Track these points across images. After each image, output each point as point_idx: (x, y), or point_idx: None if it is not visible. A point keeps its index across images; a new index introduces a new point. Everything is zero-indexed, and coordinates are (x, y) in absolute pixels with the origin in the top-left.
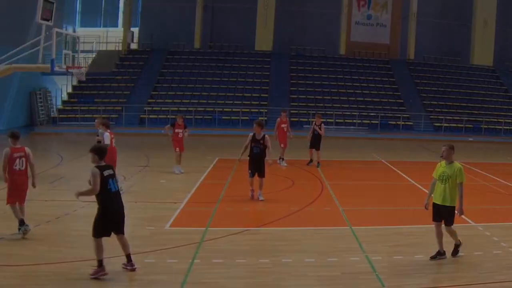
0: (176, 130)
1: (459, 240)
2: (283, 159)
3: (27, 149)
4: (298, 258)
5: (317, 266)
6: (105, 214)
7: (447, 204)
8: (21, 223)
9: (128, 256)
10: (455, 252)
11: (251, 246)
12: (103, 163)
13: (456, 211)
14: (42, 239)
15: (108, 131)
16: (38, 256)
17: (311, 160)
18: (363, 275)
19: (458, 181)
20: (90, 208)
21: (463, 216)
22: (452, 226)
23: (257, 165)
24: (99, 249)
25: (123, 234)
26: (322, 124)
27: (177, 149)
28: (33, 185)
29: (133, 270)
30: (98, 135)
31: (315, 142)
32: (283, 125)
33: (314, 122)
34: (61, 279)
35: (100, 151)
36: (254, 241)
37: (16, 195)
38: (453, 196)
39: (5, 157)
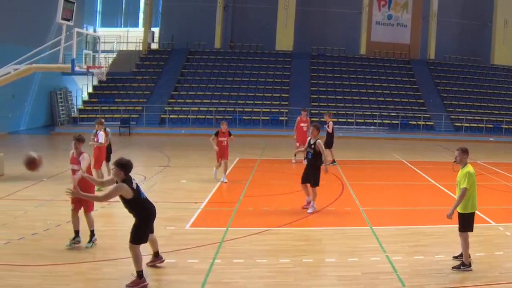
0: (220, 139)
1: (469, 261)
2: (295, 155)
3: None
4: (319, 258)
5: (338, 266)
6: (147, 221)
7: (459, 211)
8: (76, 234)
9: (156, 252)
10: (456, 267)
11: (271, 246)
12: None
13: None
14: (62, 239)
15: (103, 130)
16: (58, 256)
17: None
18: (384, 275)
19: (461, 186)
20: (111, 208)
21: (484, 216)
22: (465, 237)
23: (307, 171)
24: (138, 258)
25: (153, 232)
26: (330, 123)
27: (220, 159)
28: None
29: (163, 261)
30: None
31: (326, 141)
32: (302, 124)
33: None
34: (82, 279)
35: (127, 167)
36: (275, 241)
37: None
38: (464, 202)
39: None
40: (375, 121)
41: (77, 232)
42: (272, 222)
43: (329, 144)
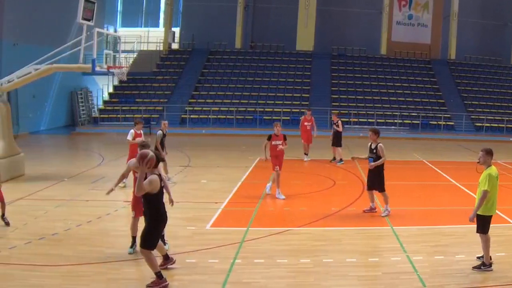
0: (274, 143)
1: (490, 261)
2: (307, 154)
3: None
4: (339, 258)
5: (358, 266)
6: (157, 226)
7: (478, 212)
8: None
9: (166, 255)
10: (477, 267)
11: (292, 246)
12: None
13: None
14: (83, 239)
15: (134, 128)
16: (79, 256)
17: (333, 158)
18: (404, 275)
19: (482, 188)
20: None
21: (504, 217)
22: (486, 237)
23: (371, 177)
24: (152, 261)
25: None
26: (339, 121)
27: (277, 167)
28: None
29: (174, 262)
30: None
31: (335, 139)
32: (306, 123)
33: (332, 121)
34: (102, 279)
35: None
36: (295, 241)
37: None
38: (484, 204)
39: None
40: (395, 121)
41: (134, 238)
42: (293, 222)
43: (338, 142)
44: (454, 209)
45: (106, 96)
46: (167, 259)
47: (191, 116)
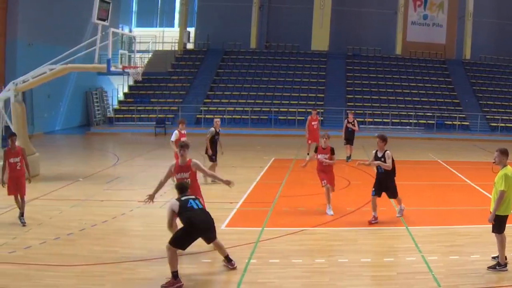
0: (319, 157)
1: (505, 261)
2: (308, 154)
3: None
4: (354, 258)
5: (373, 266)
6: (189, 231)
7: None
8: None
9: (227, 257)
10: (492, 267)
11: (307, 246)
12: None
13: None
14: (98, 239)
15: (177, 129)
16: (94, 256)
17: (347, 157)
18: (419, 275)
19: (499, 188)
20: (146, 208)
21: None
22: (502, 237)
23: (383, 185)
24: (173, 259)
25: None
26: (355, 120)
27: (324, 181)
28: None
29: (234, 267)
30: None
31: (350, 138)
32: (313, 123)
33: (346, 120)
34: (116, 279)
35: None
36: (310, 241)
37: None
38: (501, 204)
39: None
40: (410, 121)
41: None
42: (308, 222)
43: (350, 140)
44: (469, 209)
45: (121, 96)
46: (229, 260)
47: (206, 116)
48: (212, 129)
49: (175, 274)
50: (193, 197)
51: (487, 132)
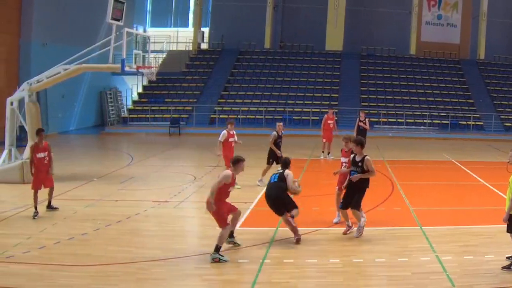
0: (341, 159)
1: None
2: (329, 152)
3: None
4: (369, 258)
5: (388, 266)
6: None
7: (510, 212)
8: None
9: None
10: (506, 267)
11: (321, 246)
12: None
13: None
14: (112, 239)
15: (226, 129)
16: (108, 256)
17: None
18: (434, 275)
19: None
20: (160, 208)
21: None
22: None
23: (350, 193)
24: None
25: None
26: (367, 119)
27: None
28: None
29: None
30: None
31: (362, 136)
32: (329, 121)
33: (358, 118)
34: (130, 279)
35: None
36: (325, 241)
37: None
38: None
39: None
40: (425, 121)
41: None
42: (322, 222)
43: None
44: (484, 209)
45: (135, 96)
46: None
47: (221, 116)
48: (274, 132)
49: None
50: (280, 171)
51: (501, 132)
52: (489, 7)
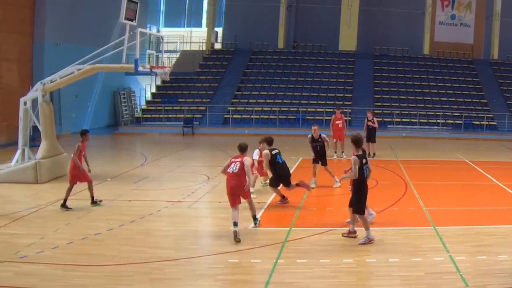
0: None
1: None
2: (342, 151)
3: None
4: (382, 258)
5: (401, 266)
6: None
7: None
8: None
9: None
10: None
11: (335, 246)
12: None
13: None
14: (126, 239)
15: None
16: (122, 256)
17: (368, 154)
18: (447, 275)
19: None
20: (174, 208)
21: None
22: None
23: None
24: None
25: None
26: (374, 118)
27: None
28: None
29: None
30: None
31: (371, 135)
32: (337, 122)
33: (366, 118)
34: (144, 279)
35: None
36: (338, 241)
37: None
38: None
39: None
40: (438, 121)
41: (254, 217)
42: (335, 222)
43: (374, 138)
44: (497, 209)
45: (148, 96)
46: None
47: (234, 116)
48: (309, 136)
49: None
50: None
51: None
52: (503, 7)
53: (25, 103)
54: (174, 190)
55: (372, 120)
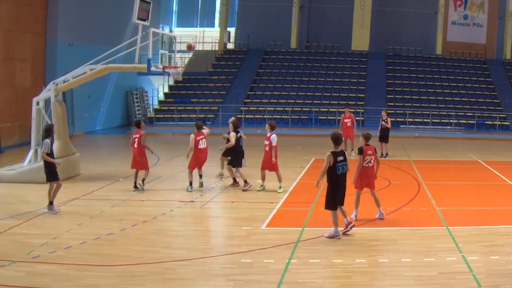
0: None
1: None
2: (352, 149)
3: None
4: (395, 258)
5: (414, 266)
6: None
7: None
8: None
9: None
10: None
11: (347, 246)
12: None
13: None
14: (138, 239)
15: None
16: (134, 256)
17: (381, 154)
18: (460, 275)
19: None
20: (186, 208)
21: None
22: None
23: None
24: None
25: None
26: (388, 118)
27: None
28: None
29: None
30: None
31: (384, 135)
32: (346, 120)
33: (381, 118)
34: (157, 279)
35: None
36: (350, 241)
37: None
38: None
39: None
40: (451, 121)
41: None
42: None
43: (387, 138)
44: (510, 209)
45: (161, 96)
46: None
47: (247, 116)
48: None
49: None
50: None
51: None
52: None
53: (37, 103)
54: (183, 189)
55: (385, 120)
